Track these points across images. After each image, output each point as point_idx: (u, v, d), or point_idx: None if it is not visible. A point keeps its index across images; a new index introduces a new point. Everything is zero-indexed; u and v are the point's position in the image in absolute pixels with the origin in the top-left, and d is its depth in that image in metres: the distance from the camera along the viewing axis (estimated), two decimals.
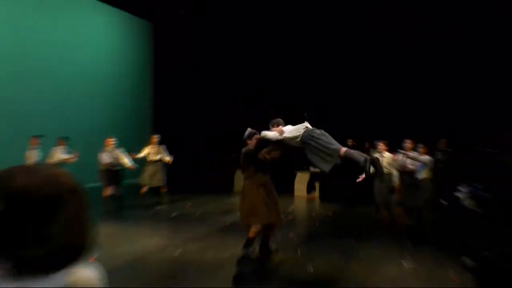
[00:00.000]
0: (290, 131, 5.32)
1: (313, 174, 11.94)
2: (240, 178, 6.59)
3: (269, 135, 5.36)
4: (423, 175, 7.60)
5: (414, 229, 7.60)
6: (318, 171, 11.46)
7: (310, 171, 11.93)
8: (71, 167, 8.74)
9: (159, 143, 10.02)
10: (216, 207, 9.98)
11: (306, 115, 5.82)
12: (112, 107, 13.13)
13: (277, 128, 5.43)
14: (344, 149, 4.82)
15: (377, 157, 6.18)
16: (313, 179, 12.04)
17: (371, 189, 8.25)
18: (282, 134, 5.27)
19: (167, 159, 9.86)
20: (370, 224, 8.27)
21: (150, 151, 9.89)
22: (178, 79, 14.64)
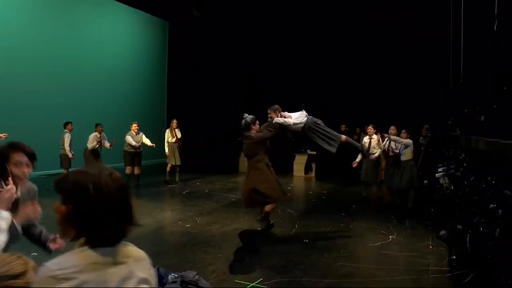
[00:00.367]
0: (296, 117, 5.85)
1: (310, 156, 12.35)
2: (245, 159, 6.74)
3: (289, 121, 5.80)
4: (405, 156, 7.76)
5: (398, 206, 7.91)
6: (314, 153, 11.94)
7: (308, 153, 12.35)
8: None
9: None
10: (223, 185, 10.40)
11: (303, 104, 6.26)
12: (132, 96, 13.88)
13: (285, 113, 5.92)
14: (344, 136, 5.93)
15: (361, 144, 6.86)
16: (310, 160, 12.46)
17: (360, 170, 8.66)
18: (288, 120, 5.83)
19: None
20: (359, 201, 8.57)
21: (168, 134, 10.16)
22: (189, 72, 15.13)
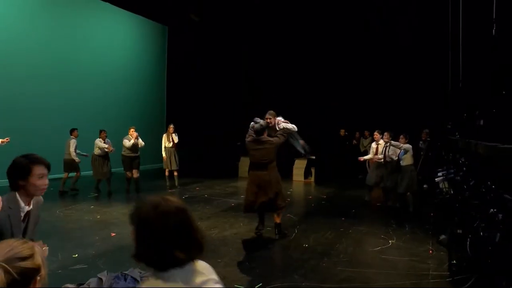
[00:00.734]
0: (286, 121, 5.89)
1: (309, 161, 12.15)
2: (244, 164, 6.68)
3: (289, 126, 5.82)
4: (405, 161, 7.63)
5: (398, 210, 7.76)
6: (314, 158, 11.75)
7: (307, 158, 12.14)
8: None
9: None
10: (222, 190, 10.22)
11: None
12: (132, 100, 13.78)
13: (281, 119, 5.87)
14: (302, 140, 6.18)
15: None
16: (309, 165, 12.26)
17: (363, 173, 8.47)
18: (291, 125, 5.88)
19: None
20: (359, 206, 8.41)
21: (165, 139, 9.94)
22: (188, 75, 15.01)
